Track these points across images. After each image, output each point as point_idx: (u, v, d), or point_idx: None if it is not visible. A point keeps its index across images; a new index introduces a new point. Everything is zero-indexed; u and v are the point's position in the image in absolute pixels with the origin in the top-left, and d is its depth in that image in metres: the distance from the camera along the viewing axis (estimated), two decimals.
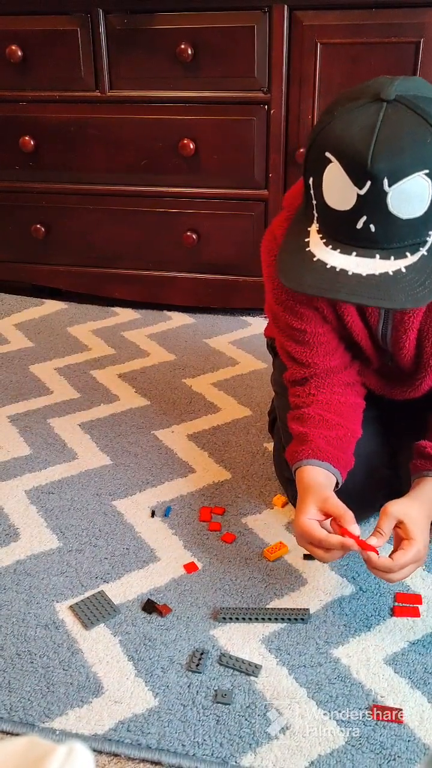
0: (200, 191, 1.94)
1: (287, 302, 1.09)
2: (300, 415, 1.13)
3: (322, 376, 1.14)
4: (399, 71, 1.69)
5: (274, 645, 1.00)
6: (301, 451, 1.08)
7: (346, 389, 1.15)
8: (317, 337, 1.11)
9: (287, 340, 1.14)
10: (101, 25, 1.81)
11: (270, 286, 1.12)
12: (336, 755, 0.85)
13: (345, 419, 1.12)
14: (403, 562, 0.95)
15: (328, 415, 1.11)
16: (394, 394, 1.20)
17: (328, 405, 1.12)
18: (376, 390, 1.22)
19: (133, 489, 1.34)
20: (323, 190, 0.87)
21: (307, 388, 1.14)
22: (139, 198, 1.99)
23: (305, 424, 1.11)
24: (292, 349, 1.13)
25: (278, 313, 1.12)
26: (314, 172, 0.88)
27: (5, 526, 1.24)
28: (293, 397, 1.16)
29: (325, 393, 1.13)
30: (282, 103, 1.78)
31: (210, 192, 1.94)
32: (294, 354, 1.13)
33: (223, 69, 1.79)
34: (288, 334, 1.13)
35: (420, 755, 0.85)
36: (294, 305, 1.09)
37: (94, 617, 1.05)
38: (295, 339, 1.12)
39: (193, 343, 1.93)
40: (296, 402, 1.15)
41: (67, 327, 2.05)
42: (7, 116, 1.98)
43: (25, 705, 0.92)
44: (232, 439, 1.49)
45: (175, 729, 0.89)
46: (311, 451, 1.07)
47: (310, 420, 1.11)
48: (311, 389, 1.14)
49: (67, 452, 1.45)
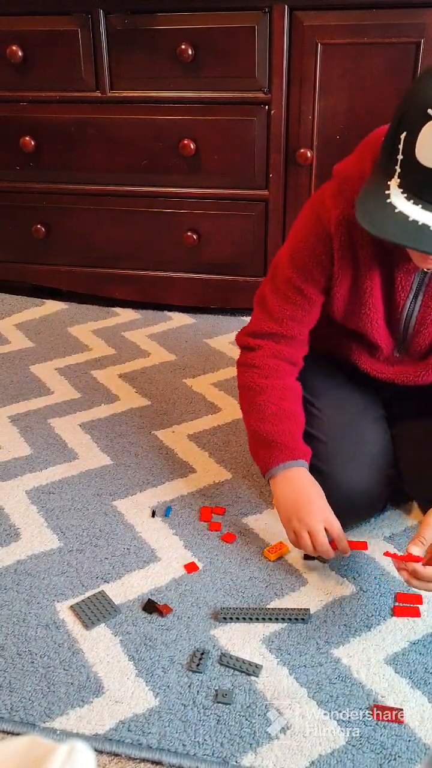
0: (201, 191, 1.94)
1: (305, 259, 1.10)
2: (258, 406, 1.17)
3: (285, 341, 1.18)
4: (399, 72, 1.69)
5: (275, 645, 1.00)
6: (274, 457, 1.14)
7: (292, 369, 1.20)
8: (308, 302, 1.14)
9: (275, 294, 1.15)
10: (102, 26, 1.81)
11: (296, 238, 1.12)
12: (336, 755, 0.85)
13: (295, 404, 1.18)
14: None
15: (284, 404, 1.17)
16: (405, 379, 1.20)
17: (281, 391, 1.17)
18: (385, 376, 1.22)
19: (133, 489, 1.34)
20: (416, 147, 0.85)
21: (266, 350, 1.18)
22: (139, 198, 2.00)
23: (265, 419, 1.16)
24: (276, 304, 1.15)
25: (285, 265, 1.13)
26: (410, 127, 0.85)
27: (6, 526, 1.24)
28: (248, 354, 1.20)
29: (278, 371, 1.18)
30: (282, 104, 1.78)
31: (210, 192, 1.94)
32: (275, 308, 1.15)
33: (223, 69, 1.79)
34: (280, 289, 1.14)
35: (420, 755, 0.85)
36: (310, 265, 1.10)
37: (94, 617, 1.05)
38: (286, 295, 1.14)
39: (194, 344, 1.93)
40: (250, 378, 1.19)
41: (67, 327, 2.05)
42: (7, 116, 1.98)
43: (26, 705, 0.92)
44: (232, 439, 1.49)
45: (176, 729, 0.89)
46: (286, 452, 1.14)
47: (269, 413, 1.16)
48: (268, 354, 1.18)
49: (68, 452, 1.45)
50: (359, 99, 1.74)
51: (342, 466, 1.15)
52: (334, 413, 1.22)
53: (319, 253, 1.09)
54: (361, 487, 1.14)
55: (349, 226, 1.05)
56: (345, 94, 1.74)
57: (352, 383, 1.26)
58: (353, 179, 1.03)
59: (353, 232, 1.05)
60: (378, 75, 1.71)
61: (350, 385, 1.26)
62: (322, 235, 1.08)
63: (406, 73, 1.69)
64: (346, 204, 1.04)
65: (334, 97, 1.75)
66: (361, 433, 1.19)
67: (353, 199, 1.02)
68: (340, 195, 1.05)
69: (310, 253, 1.10)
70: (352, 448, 1.16)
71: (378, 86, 1.72)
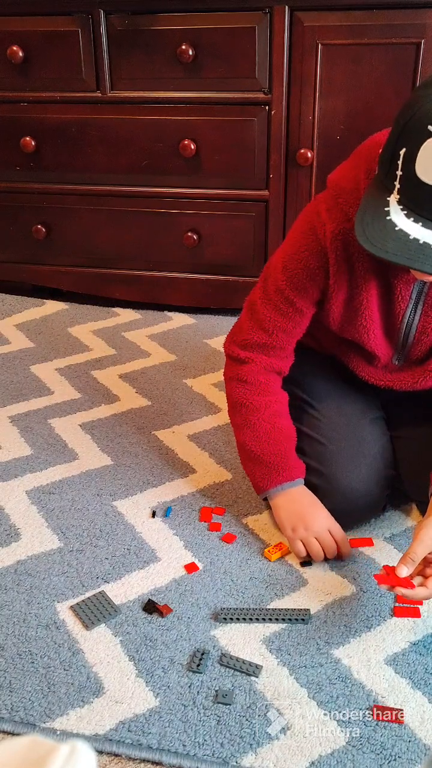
0: (201, 192, 1.94)
1: (298, 272, 1.10)
2: (252, 425, 1.19)
3: (273, 352, 1.19)
4: (400, 72, 1.69)
5: (275, 645, 1.00)
6: (271, 478, 1.17)
7: (279, 379, 1.22)
8: (298, 314, 1.14)
9: (266, 304, 1.15)
10: (102, 26, 1.81)
11: (290, 250, 1.12)
12: (336, 755, 0.85)
13: (286, 419, 1.21)
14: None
15: (277, 421, 1.19)
16: (403, 385, 1.20)
17: (273, 409, 1.19)
18: (383, 383, 1.22)
19: (133, 489, 1.34)
20: (416, 163, 0.84)
21: (257, 364, 1.19)
22: (139, 198, 2.00)
23: (259, 438, 1.18)
24: (266, 314, 1.15)
25: (278, 276, 1.13)
26: (409, 143, 0.84)
27: (6, 526, 1.24)
28: (238, 366, 1.21)
29: (269, 387, 1.20)
30: (283, 104, 1.79)
31: (211, 192, 1.94)
32: (265, 319, 1.15)
33: (223, 70, 1.79)
34: (271, 299, 1.14)
35: (421, 756, 0.85)
36: (302, 277, 1.10)
37: (94, 617, 1.05)
38: (277, 306, 1.14)
39: (194, 344, 1.94)
40: (241, 394, 1.20)
41: (67, 327, 2.05)
42: (8, 117, 1.98)
43: (26, 705, 0.92)
44: (232, 440, 1.49)
45: (176, 729, 0.89)
46: (283, 473, 1.17)
47: (263, 432, 1.18)
48: (259, 370, 1.19)
49: (68, 452, 1.45)
50: (359, 99, 1.74)
51: (341, 467, 1.16)
52: (333, 415, 1.22)
53: (313, 267, 1.08)
54: (361, 488, 1.15)
55: (345, 240, 1.05)
56: (345, 94, 1.74)
57: (351, 385, 1.26)
58: (347, 191, 1.03)
59: (349, 246, 1.05)
60: (378, 76, 1.71)
61: (349, 386, 1.26)
62: (317, 250, 1.07)
63: (406, 73, 1.69)
64: (342, 217, 1.04)
65: (334, 97, 1.75)
66: (361, 434, 1.19)
67: (349, 212, 1.03)
68: (336, 208, 1.05)
69: (303, 266, 1.09)
70: (352, 449, 1.16)
71: (378, 87, 1.72)
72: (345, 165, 1.07)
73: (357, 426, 1.20)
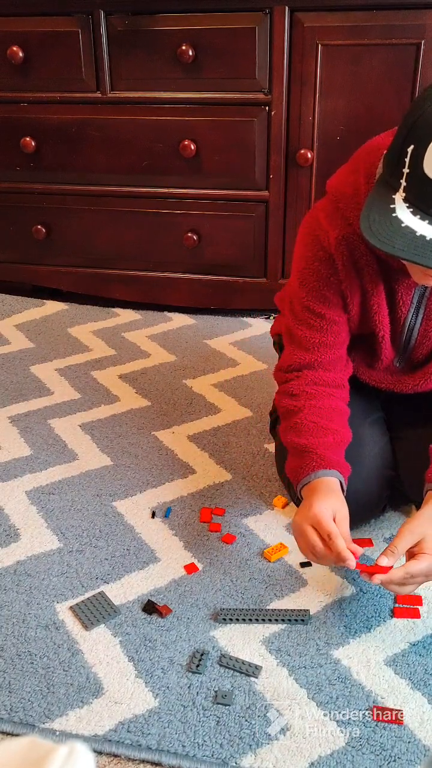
0: (201, 192, 1.94)
1: (314, 284, 1.09)
2: (295, 425, 1.12)
3: (322, 368, 1.14)
4: (400, 73, 1.69)
5: (275, 646, 1.00)
6: (306, 465, 1.07)
7: (335, 392, 1.15)
8: (333, 325, 1.11)
9: (299, 325, 1.13)
10: (102, 26, 1.81)
11: (300, 265, 1.11)
12: (336, 756, 0.85)
13: (336, 425, 1.11)
14: (415, 570, 0.95)
15: (322, 422, 1.10)
16: (403, 387, 1.20)
17: (320, 410, 1.12)
18: (384, 385, 1.22)
19: (133, 490, 1.34)
20: (425, 160, 0.84)
21: (304, 378, 1.14)
22: (139, 199, 2.00)
23: (302, 434, 1.10)
24: (302, 334, 1.13)
25: (299, 295, 1.11)
26: (418, 140, 0.84)
27: (6, 526, 1.24)
28: (285, 385, 1.16)
29: (318, 395, 1.13)
30: (283, 105, 1.79)
31: (211, 193, 1.94)
32: (303, 339, 1.13)
33: (224, 70, 1.79)
34: (302, 319, 1.12)
35: (420, 756, 0.85)
36: (321, 288, 1.09)
37: (94, 618, 1.05)
38: (309, 323, 1.12)
39: (194, 344, 1.93)
40: (289, 404, 1.14)
41: (67, 328, 2.05)
42: (8, 117, 1.98)
43: (26, 706, 0.92)
44: (232, 440, 1.49)
45: (176, 730, 0.89)
46: (318, 461, 1.06)
47: (306, 429, 1.10)
48: (307, 382, 1.13)
49: (68, 453, 1.45)
50: (360, 100, 1.74)
51: None
52: None
53: (326, 274, 1.08)
54: (361, 489, 1.14)
55: (350, 245, 1.04)
56: (345, 95, 1.74)
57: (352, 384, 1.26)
58: (347, 196, 1.02)
59: (354, 251, 1.05)
60: (378, 76, 1.71)
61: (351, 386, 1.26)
62: (324, 257, 1.07)
63: (406, 74, 1.69)
64: (343, 223, 1.04)
65: (334, 98, 1.75)
66: (360, 435, 1.19)
67: (349, 217, 1.02)
68: (336, 214, 1.04)
69: (317, 276, 1.08)
70: (351, 450, 1.16)
71: (378, 87, 1.72)
72: (343, 169, 1.07)
73: (356, 427, 1.20)
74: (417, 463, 1.17)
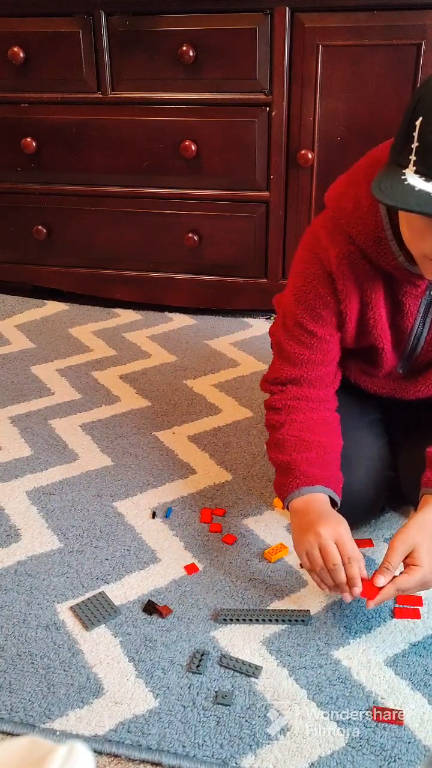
0: (201, 192, 1.94)
1: (311, 302, 1.08)
2: (277, 441, 1.12)
3: (308, 383, 1.14)
4: (400, 73, 1.69)
5: (275, 646, 1.00)
6: (290, 483, 1.07)
7: (319, 405, 1.15)
8: (323, 343, 1.11)
9: (289, 340, 1.13)
10: (103, 27, 1.82)
11: (297, 282, 1.10)
12: (336, 756, 0.85)
13: (319, 435, 1.11)
14: (406, 587, 0.95)
15: (304, 435, 1.10)
16: (404, 393, 1.20)
17: (301, 424, 1.12)
18: (385, 392, 1.22)
19: (133, 490, 1.34)
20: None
21: (288, 393, 1.14)
22: (140, 199, 2.00)
23: (284, 450, 1.11)
24: (292, 349, 1.13)
25: (293, 311, 1.11)
26: (426, 113, 0.82)
27: (6, 527, 1.25)
28: (270, 398, 1.17)
29: (301, 409, 1.13)
30: (283, 105, 1.79)
31: (211, 193, 1.94)
32: (292, 353, 1.13)
33: (224, 71, 1.79)
34: (293, 334, 1.12)
35: (420, 757, 0.85)
36: (316, 307, 1.08)
37: (94, 618, 1.05)
38: (299, 339, 1.11)
39: (194, 345, 1.94)
40: (272, 418, 1.14)
41: (68, 328, 2.05)
42: (8, 117, 1.98)
43: (26, 706, 0.92)
44: (233, 441, 1.49)
45: (176, 730, 0.89)
46: (302, 478, 1.06)
47: (288, 445, 1.10)
48: (290, 397, 1.14)
49: (68, 453, 1.45)
50: (360, 101, 1.74)
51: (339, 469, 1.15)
52: None
53: (324, 294, 1.07)
54: (358, 490, 1.14)
55: (351, 263, 1.03)
56: (346, 95, 1.74)
57: (349, 387, 1.26)
58: (348, 211, 1.01)
59: (356, 268, 1.04)
60: (379, 77, 1.71)
61: (347, 388, 1.26)
62: (324, 277, 1.06)
63: (407, 74, 1.69)
64: (344, 240, 1.03)
65: (335, 98, 1.75)
66: (358, 436, 1.19)
67: (351, 233, 1.01)
68: (336, 230, 1.03)
69: (314, 295, 1.07)
70: (349, 452, 1.16)
71: (379, 88, 1.72)
72: (343, 182, 1.05)
73: (354, 428, 1.20)
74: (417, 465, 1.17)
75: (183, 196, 1.96)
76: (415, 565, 0.95)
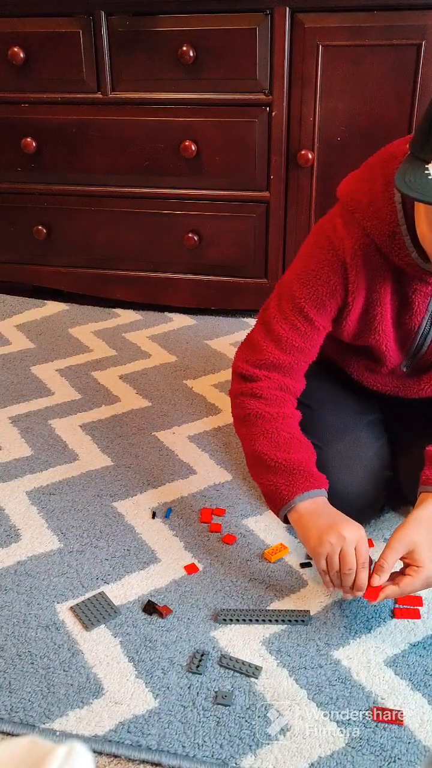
0: (202, 193, 1.94)
1: (318, 288, 1.06)
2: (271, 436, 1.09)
3: (291, 374, 1.13)
4: (400, 73, 1.69)
5: (275, 646, 1.00)
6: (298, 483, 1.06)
7: (293, 400, 1.15)
8: (315, 332, 1.10)
9: (283, 322, 1.10)
10: (103, 27, 1.81)
11: (307, 266, 1.08)
12: (336, 757, 0.85)
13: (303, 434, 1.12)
14: (411, 590, 0.95)
15: (297, 433, 1.11)
16: (408, 392, 1.20)
17: (292, 420, 1.12)
18: (388, 390, 1.22)
19: (133, 490, 1.34)
20: None
21: (274, 382, 1.12)
22: (140, 199, 2.00)
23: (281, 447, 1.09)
24: (284, 333, 1.10)
25: (296, 293, 1.08)
26: None
27: (6, 527, 1.25)
28: (251, 383, 1.13)
29: (285, 403, 1.13)
30: (283, 105, 1.79)
31: (211, 193, 1.94)
32: (283, 338, 1.10)
33: (224, 71, 1.79)
34: (288, 318, 1.10)
35: (420, 757, 0.85)
36: (322, 294, 1.07)
37: (94, 618, 1.05)
38: (294, 324, 1.10)
39: (194, 345, 1.94)
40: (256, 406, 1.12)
41: (68, 328, 2.05)
42: (9, 118, 1.98)
43: (26, 706, 0.92)
44: (232, 441, 1.49)
45: (176, 730, 0.89)
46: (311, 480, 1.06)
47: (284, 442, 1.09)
48: (275, 387, 1.13)
49: (68, 453, 1.45)
50: (360, 101, 1.74)
51: (338, 469, 1.15)
52: (329, 417, 1.22)
53: (334, 283, 1.06)
54: (356, 490, 1.14)
55: (365, 256, 1.03)
56: (346, 95, 1.74)
57: (349, 387, 1.26)
58: (363, 205, 1.01)
59: (369, 262, 1.03)
60: (379, 77, 1.71)
61: (347, 388, 1.26)
62: (337, 265, 1.05)
63: (407, 75, 1.69)
64: (360, 233, 1.02)
65: (335, 98, 1.75)
66: (357, 436, 1.19)
67: (366, 227, 1.01)
68: (353, 223, 1.02)
69: (324, 282, 1.06)
70: (348, 451, 1.16)
71: (379, 88, 1.72)
72: (357, 177, 1.05)
73: (353, 427, 1.20)
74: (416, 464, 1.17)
75: (183, 196, 1.96)
76: (417, 566, 0.95)
